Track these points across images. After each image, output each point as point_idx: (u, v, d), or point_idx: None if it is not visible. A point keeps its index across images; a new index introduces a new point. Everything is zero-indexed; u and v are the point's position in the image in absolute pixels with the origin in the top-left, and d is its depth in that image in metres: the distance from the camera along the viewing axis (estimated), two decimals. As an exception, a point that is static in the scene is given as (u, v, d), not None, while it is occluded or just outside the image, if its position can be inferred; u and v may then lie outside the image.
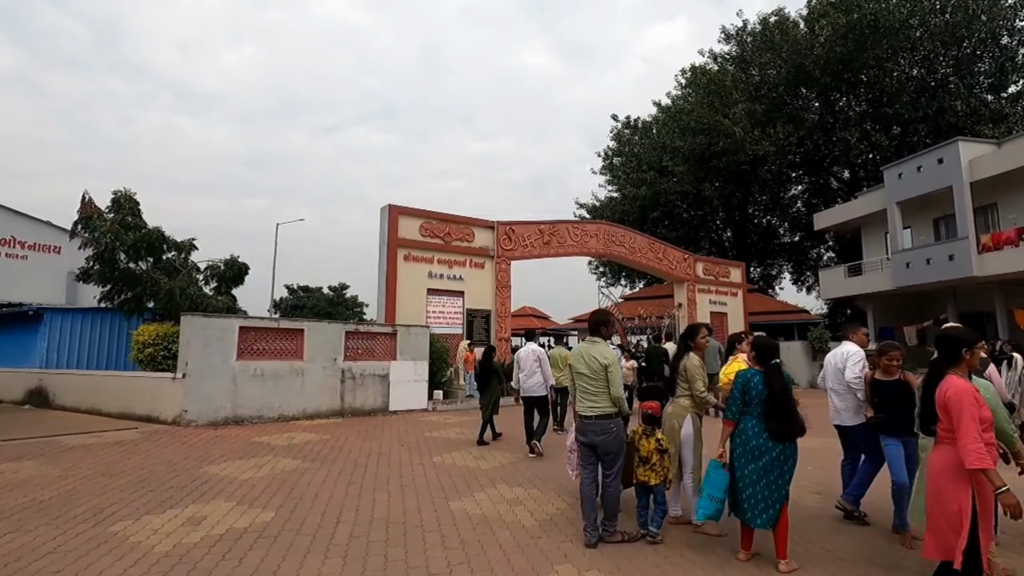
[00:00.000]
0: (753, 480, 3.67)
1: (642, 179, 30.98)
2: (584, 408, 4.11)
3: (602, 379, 4.05)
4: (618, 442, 4.08)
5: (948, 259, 18.42)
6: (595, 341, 4.25)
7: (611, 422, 4.05)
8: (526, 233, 17.31)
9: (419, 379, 12.42)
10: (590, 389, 4.09)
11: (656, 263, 20.64)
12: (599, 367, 4.06)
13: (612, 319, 4.32)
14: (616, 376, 4.03)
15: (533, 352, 7.82)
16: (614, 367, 4.05)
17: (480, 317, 16.26)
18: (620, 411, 4.08)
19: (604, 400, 4.06)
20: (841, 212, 24.29)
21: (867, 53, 24.18)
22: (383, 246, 14.90)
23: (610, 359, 4.08)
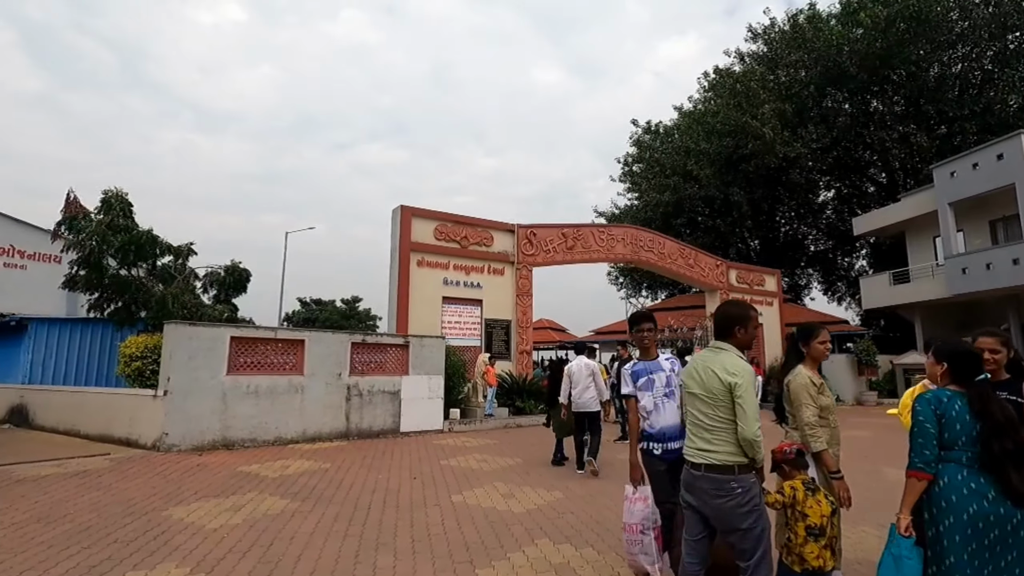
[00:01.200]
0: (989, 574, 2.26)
1: (665, 184, 29.63)
2: (692, 451, 2.70)
3: (724, 406, 2.58)
4: (751, 512, 2.53)
5: (1012, 263, 16.76)
6: (720, 348, 2.75)
7: (734, 480, 2.53)
8: (549, 237, 16.04)
9: (434, 396, 11.11)
10: (704, 422, 2.65)
11: (687, 270, 19.22)
12: (721, 387, 2.58)
13: (752, 315, 2.87)
14: (750, 403, 2.55)
15: (587, 366, 7.39)
16: (746, 389, 2.56)
17: (499, 327, 14.96)
18: (753, 460, 2.58)
19: (725, 442, 2.58)
20: (883, 216, 22.67)
21: (908, 48, 22.73)
22: (395, 250, 13.73)
23: (741, 375, 2.58)
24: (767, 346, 20.88)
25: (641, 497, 3.41)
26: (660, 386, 3.46)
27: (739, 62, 28.59)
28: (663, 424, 3.40)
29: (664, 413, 3.41)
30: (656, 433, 3.40)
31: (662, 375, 3.49)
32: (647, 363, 3.56)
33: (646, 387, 3.47)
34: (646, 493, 3.41)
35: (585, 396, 7.21)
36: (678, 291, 38.09)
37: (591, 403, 7.23)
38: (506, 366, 14.52)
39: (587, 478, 6.89)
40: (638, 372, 3.53)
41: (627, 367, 3.67)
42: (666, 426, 3.39)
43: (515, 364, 14.85)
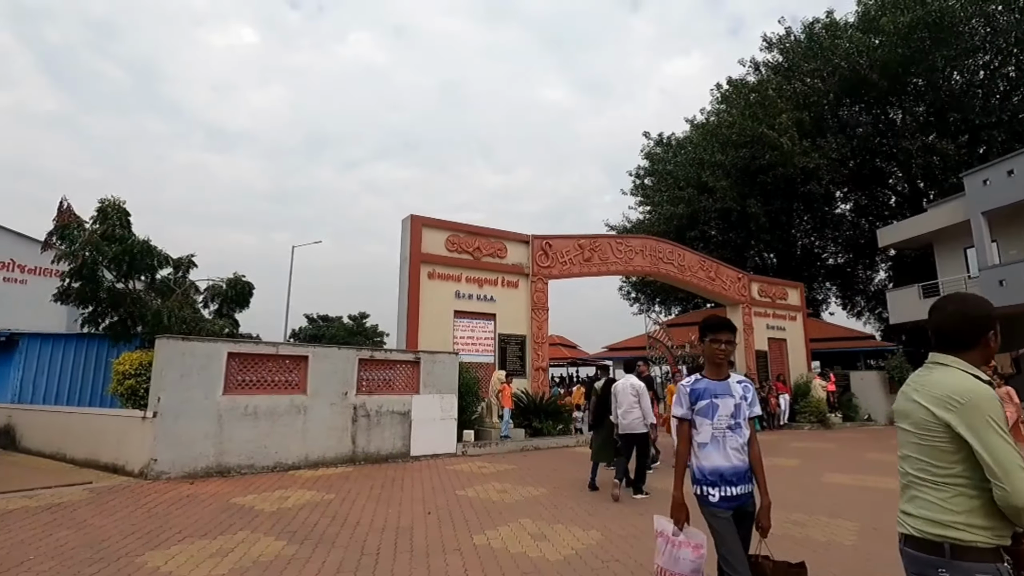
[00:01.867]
0: None
1: (679, 197, 28.98)
2: (905, 516, 1.79)
3: (940, 450, 1.68)
4: None
5: (1055, 275, 15.86)
6: (939, 363, 1.83)
7: (945, 567, 1.63)
8: (564, 248, 15.33)
9: (447, 417, 10.32)
10: (919, 473, 1.74)
11: (708, 283, 18.42)
12: (935, 422, 1.68)
13: (990, 311, 1.91)
14: (998, 447, 1.56)
15: (632, 386, 7.03)
16: (986, 423, 1.59)
17: (514, 343, 14.20)
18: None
19: (935, 503, 1.68)
20: (910, 226, 21.81)
21: (930, 55, 22.10)
22: (404, 262, 13.06)
23: (978, 399, 1.63)
24: (791, 363, 19.96)
25: (691, 544, 2.72)
26: (725, 415, 2.70)
27: (754, 71, 28.06)
28: (719, 464, 2.66)
29: (723, 450, 2.67)
30: (709, 474, 2.67)
31: (729, 401, 2.72)
32: (713, 383, 2.78)
33: (706, 413, 2.72)
34: (698, 540, 2.72)
35: (629, 417, 6.90)
36: (691, 306, 37.28)
37: (636, 424, 6.90)
38: (521, 384, 13.73)
39: (627, 514, 6.08)
40: (699, 392, 2.78)
41: (686, 383, 2.87)
42: (724, 467, 2.66)
43: (531, 382, 14.05)
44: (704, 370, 2.88)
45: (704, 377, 2.84)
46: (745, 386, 2.81)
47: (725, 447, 2.67)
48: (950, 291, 16.12)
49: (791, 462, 10.08)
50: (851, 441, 13.77)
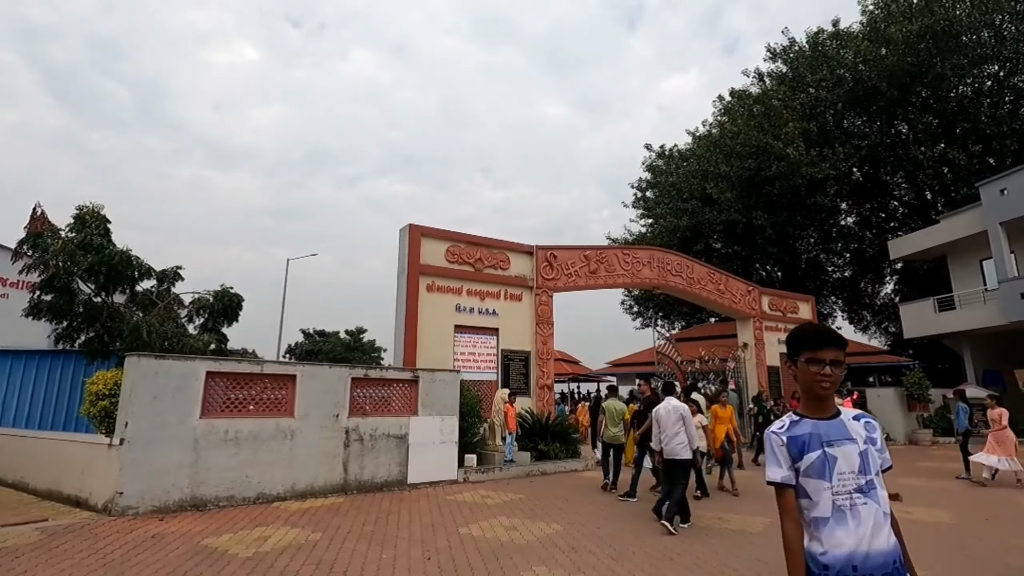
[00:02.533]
0: None
1: (683, 209, 28.43)
2: None
3: None
4: None
5: (1081, 287, 15.21)
6: None
7: None
8: (570, 260, 14.65)
9: (447, 440, 9.53)
10: None
11: (718, 296, 17.73)
12: None
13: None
14: None
15: (675, 409, 6.83)
16: None
17: (518, 360, 13.44)
18: None
19: None
20: (923, 238, 21.23)
21: (941, 64, 21.70)
22: (402, 273, 12.35)
23: None
24: (804, 379, 19.19)
25: None
26: (848, 471, 1.82)
27: (758, 82, 27.68)
28: (853, 548, 1.74)
29: (856, 526, 1.77)
30: (840, 565, 1.74)
31: (851, 450, 1.84)
32: (821, 423, 1.90)
33: (820, 472, 1.83)
34: None
35: (674, 442, 6.62)
36: (695, 321, 36.54)
37: (681, 450, 6.63)
38: (525, 403, 12.95)
39: (658, 559, 5.30)
40: (801, 441, 1.88)
41: (777, 428, 1.96)
42: (861, 554, 1.74)
43: (535, 400, 13.26)
44: (804, 404, 1.99)
45: (803, 416, 1.94)
46: (868, 423, 1.94)
47: (859, 521, 1.78)
48: (967, 304, 15.44)
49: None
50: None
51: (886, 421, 17.96)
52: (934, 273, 24.39)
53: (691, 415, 6.94)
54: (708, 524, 6.67)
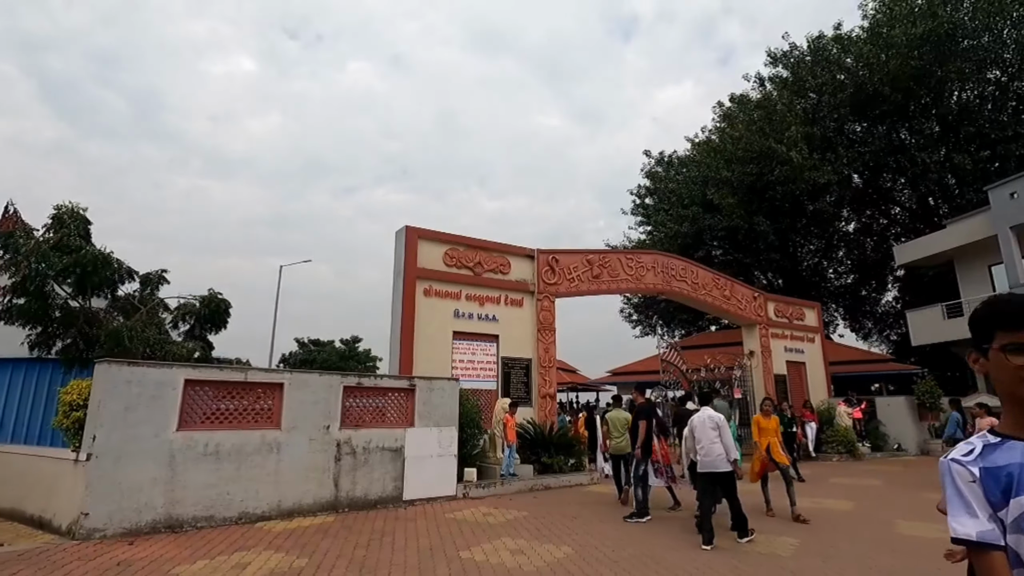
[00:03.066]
0: None
1: (683, 215, 28.01)
2: None
3: None
4: None
5: (1097, 292, 14.77)
6: None
7: None
8: (572, 264, 14.15)
9: (445, 453, 8.95)
10: None
11: (723, 302, 17.23)
12: None
13: None
14: None
15: (711, 418, 6.49)
16: None
17: (519, 368, 12.88)
18: None
19: None
20: (929, 243, 20.84)
21: (944, 68, 21.46)
22: (398, 277, 11.82)
23: None
24: (811, 387, 18.70)
25: None
26: None
27: (759, 87, 27.41)
28: None
29: None
30: None
31: None
32: None
33: None
34: None
35: (712, 454, 6.28)
36: (696, 329, 36.07)
37: (720, 462, 6.25)
38: (527, 413, 12.38)
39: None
40: (1006, 473, 1.23)
41: (963, 455, 1.30)
42: None
43: (537, 410, 12.69)
44: (1003, 419, 1.34)
45: (1005, 436, 1.29)
46: None
47: None
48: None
49: (844, 504, 8.74)
50: (893, 475, 12.45)
51: (897, 431, 17.46)
52: (939, 279, 23.99)
53: (727, 425, 6.57)
54: (730, 546, 6.11)
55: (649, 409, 8.08)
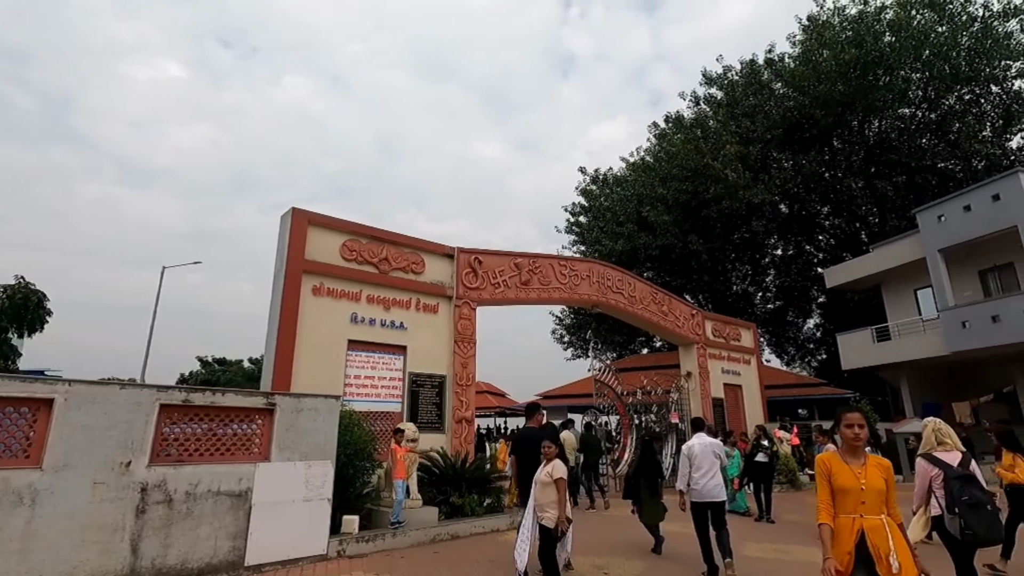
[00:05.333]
0: None
1: (618, 232, 27.09)
2: None
3: None
4: None
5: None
6: None
7: None
8: (498, 267, 12.31)
9: (314, 496, 6.65)
10: None
11: (660, 318, 15.93)
12: None
13: None
14: None
15: (711, 445, 6.24)
16: None
17: (430, 386, 10.75)
18: None
19: None
20: (858, 266, 20.76)
21: (870, 95, 21.84)
22: (279, 271, 9.49)
23: None
24: (748, 412, 17.70)
25: None
26: None
27: (694, 105, 27.23)
28: None
29: None
30: None
31: None
32: None
33: None
34: None
35: (711, 483, 6.07)
36: (628, 352, 35.17)
37: (717, 491, 6.07)
38: (439, 441, 10.25)
39: None
40: None
41: None
42: None
43: (450, 437, 10.58)
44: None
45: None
46: None
47: None
48: (904, 334, 14.38)
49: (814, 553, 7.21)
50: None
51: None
52: (864, 304, 24.21)
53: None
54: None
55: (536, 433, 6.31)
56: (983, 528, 4.08)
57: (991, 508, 4.19)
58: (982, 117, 22.41)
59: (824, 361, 33.19)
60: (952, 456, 4.55)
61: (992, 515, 4.16)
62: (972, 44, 21.20)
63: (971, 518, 4.12)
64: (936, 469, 4.48)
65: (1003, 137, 22.40)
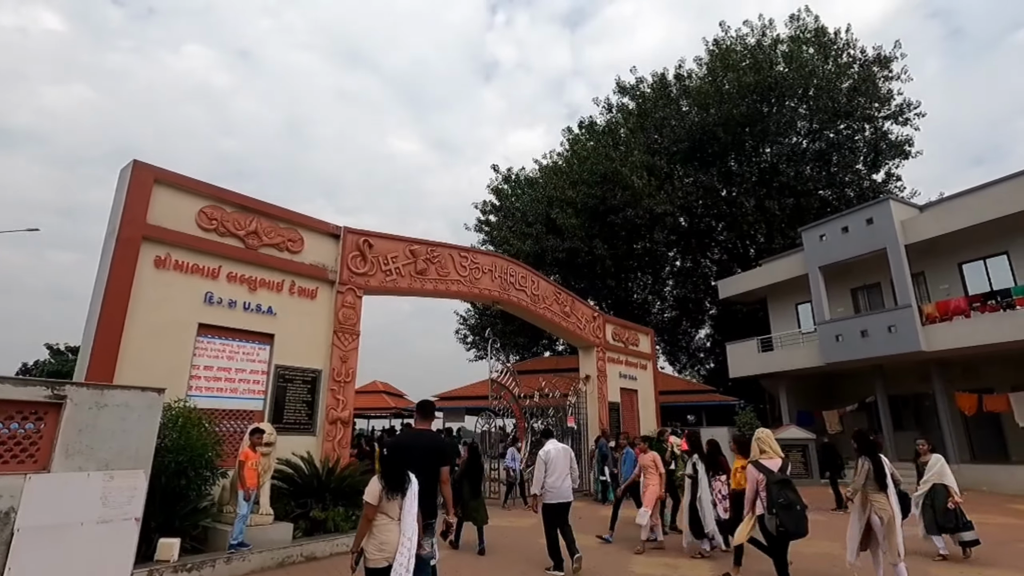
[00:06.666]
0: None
1: (527, 232, 26.76)
2: None
3: None
4: None
5: (888, 331, 15.86)
6: None
7: None
8: (391, 253, 11.17)
9: (117, 516, 5.17)
10: None
11: (562, 319, 15.51)
12: None
13: None
14: None
15: (565, 450, 6.77)
16: None
17: (301, 381, 9.38)
18: None
19: None
20: (749, 279, 21.81)
21: (765, 120, 23.14)
22: (110, 235, 7.74)
23: None
24: (642, 417, 17.78)
25: None
26: None
27: (607, 112, 27.56)
28: None
29: None
30: None
31: None
32: None
33: None
34: None
35: (564, 485, 6.49)
36: (531, 355, 35.00)
37: (569, 492, 6.53)
38: (308, 445, 8.92)
39: None
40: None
41: None
42: None
43: (321, 441, 9.27)
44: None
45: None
46: None
47: None
48: (786, 345, 15.03)
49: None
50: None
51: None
52: (751, 316, 25.60)
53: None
54: None
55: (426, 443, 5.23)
56: (793, 525, 4.89)
57: (800, 508, 4.97)
58: (856, 151, 24.50)
59: (712, 369, 35.03)
60: (774, 463, 5.25)
61: (800, 514, 4.96)
62: (852, 84, 23.12)
63: (784, 517, 4.88)
64: (761, 475, 5.13)
65: (872, 170, 24.65)
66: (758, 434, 5.49)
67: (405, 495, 3.68)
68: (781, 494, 4.90)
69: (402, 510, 3.66)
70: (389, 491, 3.64)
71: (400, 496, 3.66)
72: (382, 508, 3.63)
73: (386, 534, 3.57)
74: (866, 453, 5.76)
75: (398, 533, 3.58)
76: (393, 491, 3.64)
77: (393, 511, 3.65)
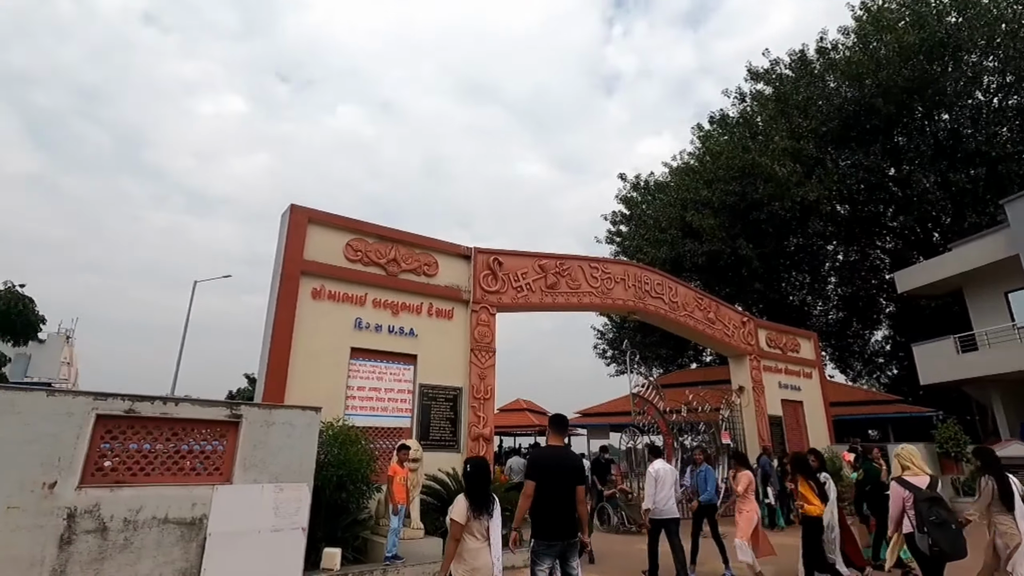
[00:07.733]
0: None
1: (661, 239, 25.51)
2: None
3: None
4: None
5: None
6: None
7: None
8: (520, 269, 11.23)
9: (286, 525, 5.66)
10: None
11: (707, 327, 14.38)
12: None
13: None
14: None
15: (672, 470, 7.13)
16: None
17: (443, 399, 9.71)
18: None
19: None
20: (935, 268, 18.44)
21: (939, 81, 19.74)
22: (277, 272, 8.72)
23: None
24: (810, 432, 15.71)
25: None
26: None
27: (739, 102, 25.57)
28: None
29: None
30: None
31: None
32: None
33: None
34: None
35: (671, 503, 6.82)
36: (675, 367, 33.09)
37: (674, 508, 6.89)
38: (452, 461, 9.16)
39: None
40: None
41: None
42: None
43: (464, 458, 9.45)
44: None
45: None
46: None
47: None
48: (994, 343, 12.27)
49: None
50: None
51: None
52: (942, 311, 21.66)
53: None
54: None
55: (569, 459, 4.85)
56: (948, 544, 4.47)
57: (955, 527, 4.57)
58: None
59: (896, 376, 30.15)
60: (921, 480, 4.92)
61: (956, 533, 4.53)
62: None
63: (938, 536, 4.50)
64: (908, 492, 4.81)
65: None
66: (898, 451, 5.21)
67: (492, 515, 3.53)
68: (932, 512, 4.58)
69: (489, 532, 3.52)
70: (475, 510, 3.50)
71: (488, 516, 3.51)
72: (469, 528, 3.51)
73: (478, 559, 3.44)
74: (990, 471, 5.29)
75: (490, 557, 3.43)
76: (479, 510, 3.50)
77: (481, 532, 3.52)
